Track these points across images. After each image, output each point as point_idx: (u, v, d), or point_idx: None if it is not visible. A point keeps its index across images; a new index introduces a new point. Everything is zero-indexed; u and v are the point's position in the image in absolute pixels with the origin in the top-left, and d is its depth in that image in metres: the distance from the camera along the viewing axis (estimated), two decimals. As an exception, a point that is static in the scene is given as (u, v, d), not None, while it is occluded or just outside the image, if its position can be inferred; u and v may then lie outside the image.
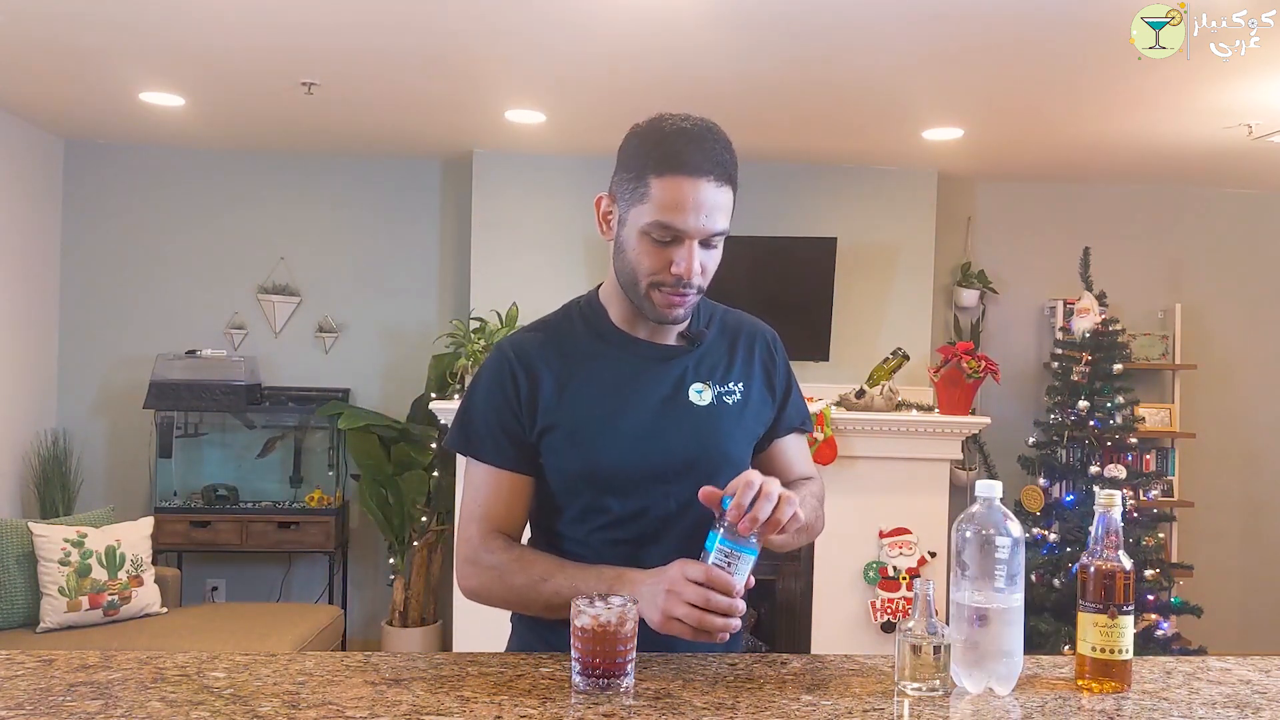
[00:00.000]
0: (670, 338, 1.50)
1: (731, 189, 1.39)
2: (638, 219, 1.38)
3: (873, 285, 4.76)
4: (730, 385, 1.51)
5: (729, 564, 1.28)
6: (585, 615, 1.21)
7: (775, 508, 1.27)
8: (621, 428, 1.44)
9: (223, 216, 4.90)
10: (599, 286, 1.56)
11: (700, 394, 1.48)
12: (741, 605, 1.29)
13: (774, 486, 1.28)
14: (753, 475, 1.29)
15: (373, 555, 4.95)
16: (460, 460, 1.34)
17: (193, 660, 1.31)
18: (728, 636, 1.29)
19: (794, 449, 1.60)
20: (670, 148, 1.36)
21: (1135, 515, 4.31)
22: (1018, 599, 1.27)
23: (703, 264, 1.40)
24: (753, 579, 1.31)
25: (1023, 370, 5.04)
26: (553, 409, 1.45)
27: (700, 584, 1.27)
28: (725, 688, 1.25)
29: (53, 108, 4.24)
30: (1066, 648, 3.98)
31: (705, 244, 1.39)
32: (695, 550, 1.33)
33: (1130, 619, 1.29)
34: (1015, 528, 1.28)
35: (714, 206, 1.36)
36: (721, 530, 1.29)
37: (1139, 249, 5.07)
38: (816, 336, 4.58)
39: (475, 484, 1.49)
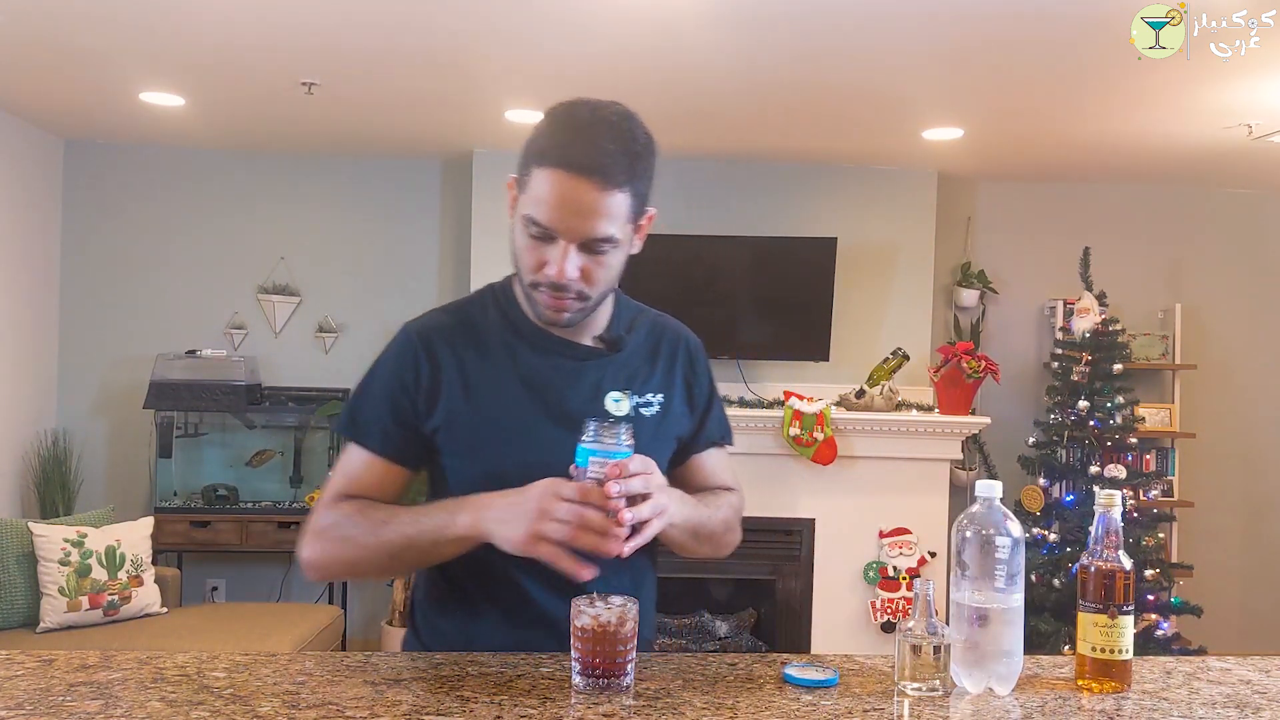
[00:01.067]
0: (587, 338, 1.41)
1: (628, 194, 1.26)
2: (521, 207, 1.29)
3: (873, 285, 4.76)
4: (649, 396, 1.42)
5: (602, 478, 1.19)
6: (585, 615, 1.21)
7: (647, 497, 1.21)
8: (532, 433, 1.34)
9: (223, 216, 4.90)
10: (490, 287, 1.47)
11: (618, 403, 1.39)
12: (619, 531, 1.18)
13: (659, 487, 1.24)
14: (657, 473, 1.25)
15: (373, 555, 4.94)
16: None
17: (193, 660, 1.31)
18: (595, 571, 1.20)
19: (713, 462, 1.52)
20: (558, 138, 1.26)
21: (1135, 515, 4.31)
22: (1018, 599, 1.27)
23: (586, 270, 1.28)
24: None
25: (1023, 370, 5.04)
26: (457, 404, 1.36)
27: (573, 501, 1.18)
28: (725, 688, 1.25)
29: (53, 108, 4.24)
30: (1066, 648, 3.98)
31: (589, 249, 1.27)
32: (603, 569, 1.24)
33: (1130, 619, 1.29)
34: (1015, 528, 1.28)
35: (594, 210, 1.24)
36: (590, 443, 1.21)
37: (1139, 249, 5.07)
38: (816, 336, 4.58)
39: (346, 467, 1.39)
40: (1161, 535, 4.61)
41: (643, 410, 1.40)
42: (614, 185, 1.24)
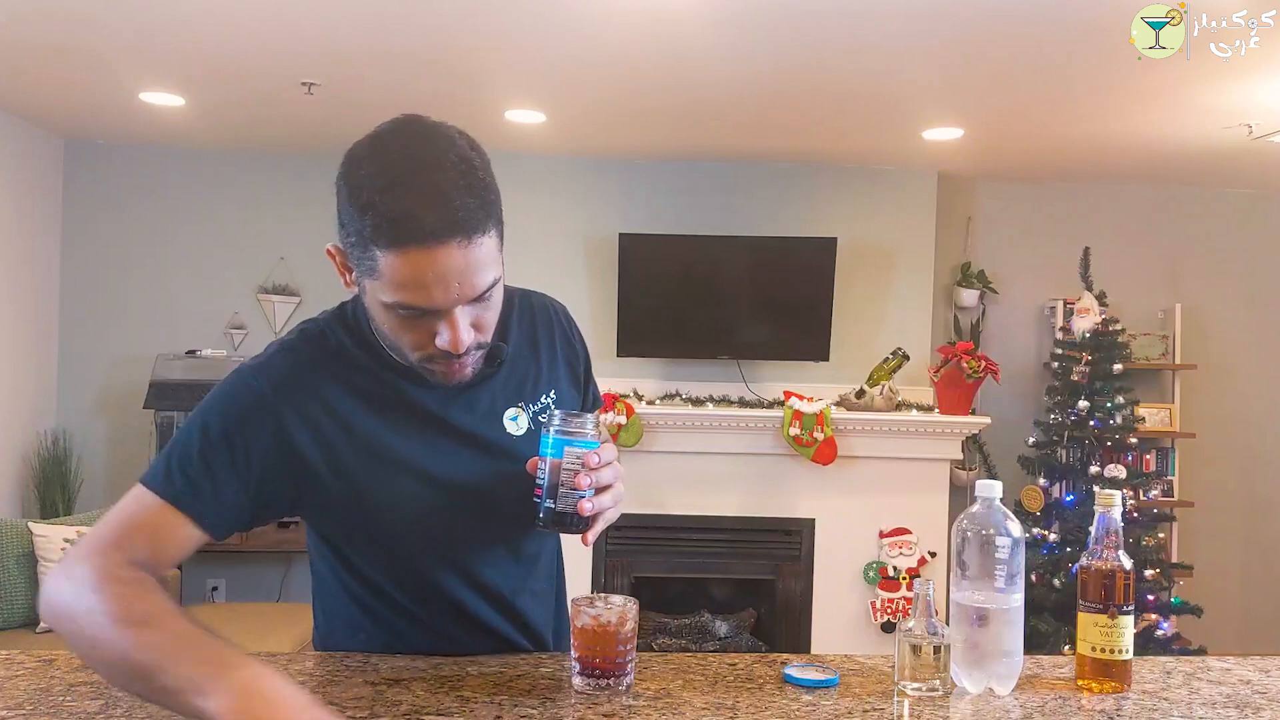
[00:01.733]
0: (464, 379, 1.22)
1: (491, 233, 1.09)
2: (375, 293, 1.11)
3: (873, 285, 4.76)
4: (542, 399, 1.31)
5: (578, 473, 1.16)
6: (585, 615, 1.21)
7: (610, 488, 1.19)
8: (448, 463, 1.23)
9: (223, 216, 4.90)
10: (348, 308, 1.30)
11: (516, 420, 1.28)
12: None
13: (620, 470, 1.21)
14: (618, 462, 1.21)
15: (373, 555, 4.94)
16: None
17: (193, 660, 1.31)
18: None
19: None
20: (392, 211, 1.04)
21: (1135, 515, 4.31)
22: (1018, 599, 1.27)
23: (478, 321, 1.14)
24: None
25: (1023, 370, 5.04)
26: (326, 453, 1.19)
27: None
28: (725, 688, 1.25)
29: (53, 108, 4.24)
30: (1066, 648, 3.98)
31: (475, 301, 1.11)
32: (539, 588, 1.32)
33: (1130, 619, 1.29)
34: (1015, 528, 1.28)
35: (467, 269, 1.07)
36: (559, 433, 1.17)
37: (1139, 249, 5.07)
38: (816, 336, 4.58)
39: (131, 512, 1.15)
40: (1161, 535, 4.62)
41: (540, 418, 1.27)
42: (478, 232, 1.07)
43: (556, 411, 1.19)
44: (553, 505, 1.17)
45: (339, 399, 1.21)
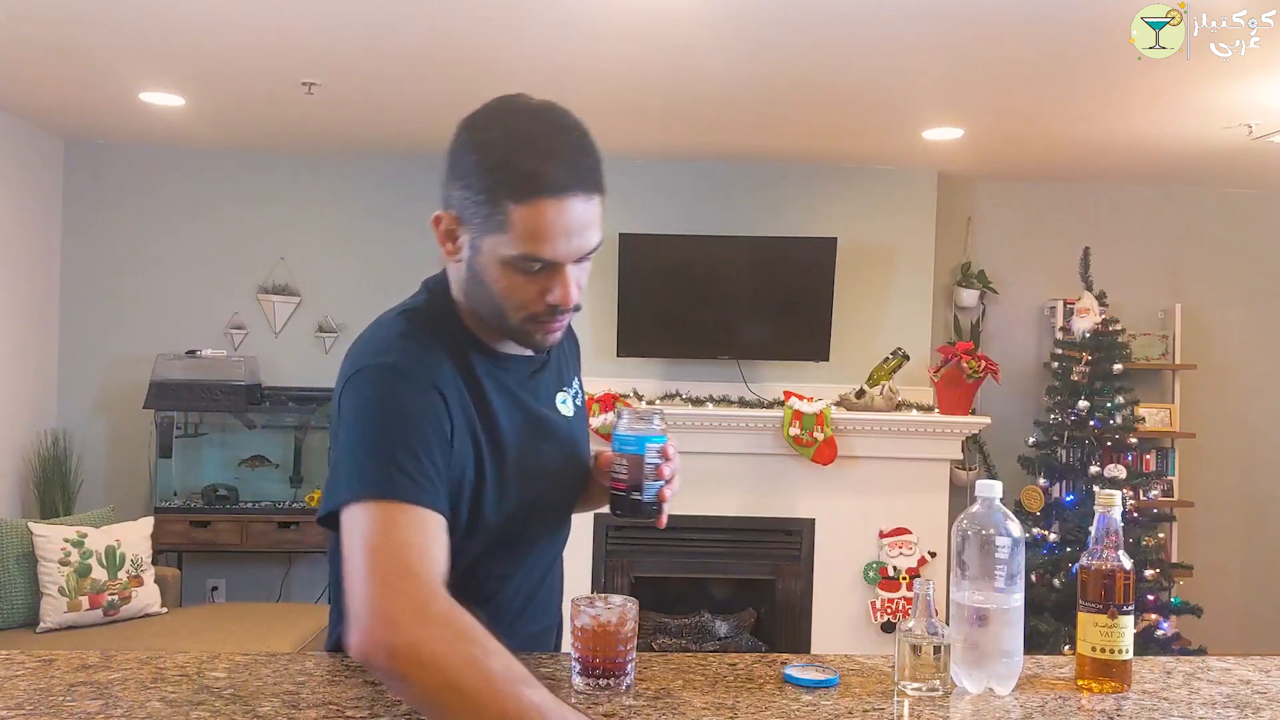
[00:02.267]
0: (552, 346, 1.32)
1: (600, 195, 1.19)
2: (497, 248, 1.16)
3: (873, 285, 4.76)
4: (575, 385, 1.42)
5: (660, 465, 1.27)
6: (585, 615, 1.21)
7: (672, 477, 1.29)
8: (539, 451, 1.30)
9: (223, 216, 4.90)
10: (435, 295, 1.32)
11: (564, 404, 1.37)
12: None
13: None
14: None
15: (373, 555, 4.94)
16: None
17: (193, 660, 1.31)
18: None
19: None
20: (526, 165, 1.13)
21: (1135, 515, 4.31)
22: (1018, 599, 1.27)
23: (579, 281, 1.22)
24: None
25: (1023, 370, 5.04)
26: (480, 441, 1.23)
27: None
28: (725, 688, 1.25)
29: (53, 108, 4.24)
30: (1066, 648, 3.98)
31: (579, 260, 1.20)
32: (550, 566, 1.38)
33: (1130, 619, 1.29)
34: (1015, 528, 1.28)
35: (585, 224, 1.16)
36: (639, 430, 1.27)
37: (1139, 249, 5.07)
38: (816, 336, 4.58)
39: (415, 532, 1.09)
40: (1161, 535, 4.61)
41: (577, 400, 1.40)
42: (594, 191, 1.18)
43: (629, 409, 1.28)
44: (639, 497, 1.27)
45: (469, 382, 1.24)
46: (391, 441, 1.14)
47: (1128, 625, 1.28)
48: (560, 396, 1.36)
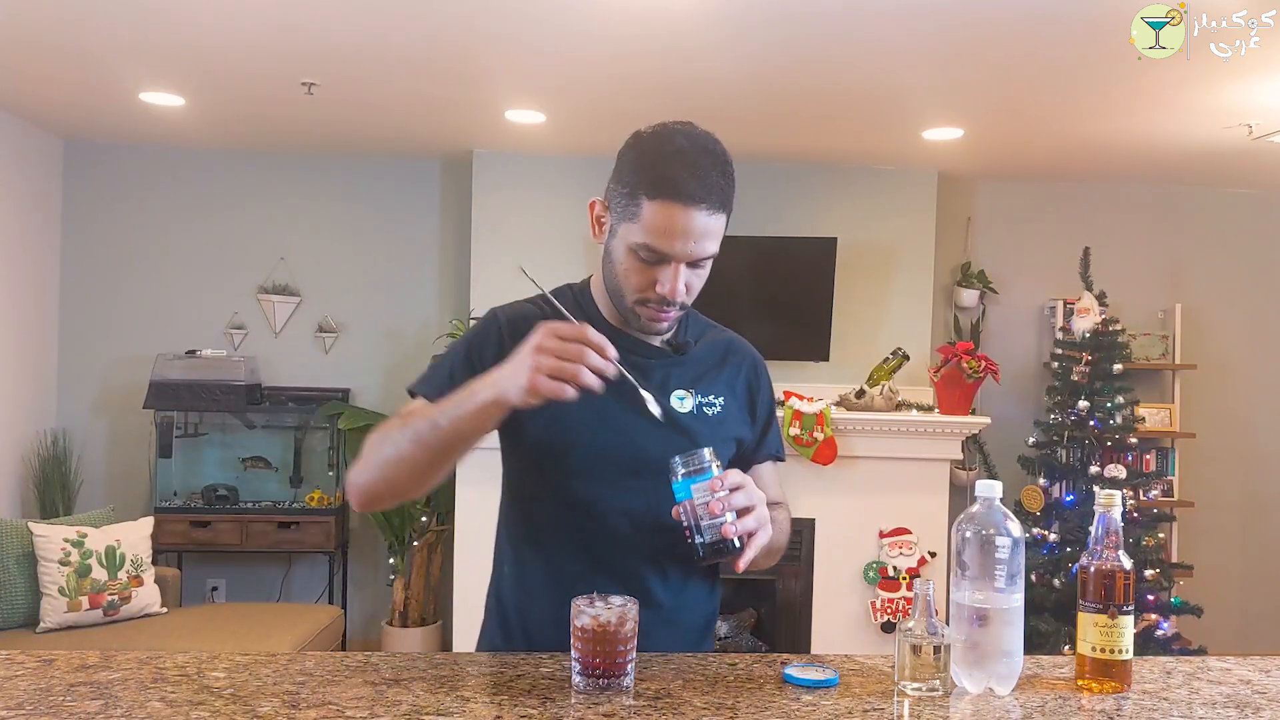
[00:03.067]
0: (656, 341, 1.51)
1: (725, 214, 1.38)
2: (627, 235, 1.38)
3: (873, 285, 4.76)
4: (711, 398, 1.51)
5: (709, 501, 1.27)
6: (585, 615, 1.21)
7: (750, 509, 1.30)
8: (602, 411, 1.40)
9: (223, 216, 4.90)
10: (590, 277, 1.57)
11: (682, 400, 1.49)
12: (612, 365, 1.26)
13: (758, 498, 1.32)
14: (750, 482, 1.33)
15: (373, 555, 4.95)
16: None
17: (193, 660, 1.31)
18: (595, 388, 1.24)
19: (769, 476, 1.63)
20: (666, 170, 1.34)
21: (1135, 515, 4.31)
22: (1018, 599, 1.27)
23: (688, 284, 1.40)
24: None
25: (1023, 370, 5.04)
26: None
27: (574, 340, 1.23)
28: (725, 688, 1.25)
29: (53, 108, 4.24)
30: (1066, 648, 3.98)
31: (692, 265, 1.39)
32: (660, 553, 1.36)
33: (1130, 619, 1.29)
34: (1015, 528, 1.28)
35: (704, 233, 1.36)
36: (683, 476, 1.29)
37: (1139, 249, 5.07)
38: (816, 336, 4.58)
39: (401, 411, 1.44)
40: (1161, 535, 4.61)
41: (705, 409, 1.50)
42: (720, 210, 1.36)
43: (675, 459, 1.30)
44: (703, 539, 1.28)
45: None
46: (444, 356, 1.52)
47: (1128, 625, 1.28)
48: (679, 393, 1.49)
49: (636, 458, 1.43)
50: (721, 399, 1.52)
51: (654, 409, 1.35)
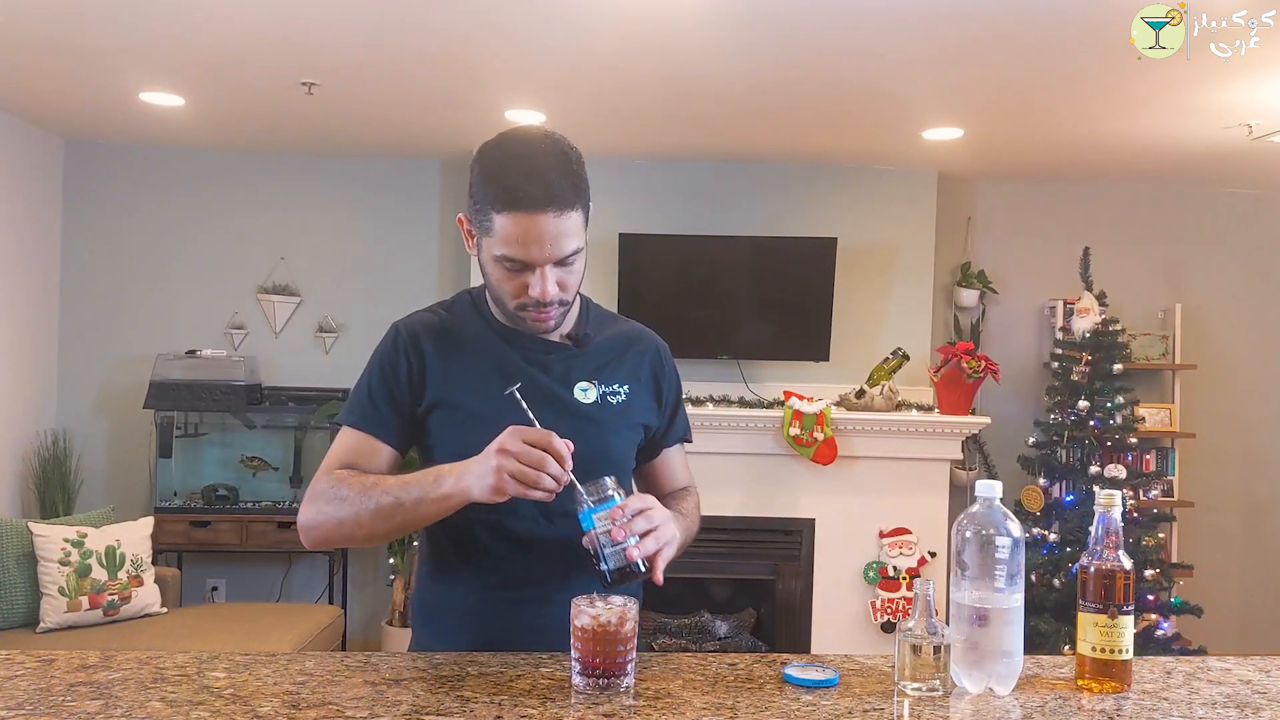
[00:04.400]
0: (555, 335, 1.54)
1: (578, 210, 1.40)
2: (489, 248, 1.41)
3: (873, 285, 4.76)
4: (615, 386, 1.55)
5: (611, 529, 1.29)
6: (585, 615, 1.21)
7: (652, 531, 1.32)
8: (506, 413, 1.40)
9: (223, 216, 4.90)
10: (473, 289, 1.61)
11: (585, 392, 1.52)
12: (566, 475, 1.30)
13: (662, 520, 1.35)
14: (653, 504, 1.36)
15: (373, 555, 4.95)
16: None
17: (193, 660, 1.31)
18: (553, 495, 1.30)
19: (677, 459, 1.70)
20: (506, 181, 1.37)
21: (1135, 515, 4.31)
22: (1018, 599, 1.27)
23: (561, 281, 1.42)
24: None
25: (1023, 370, 5.04)
26: (439, 386, 1.49)
27: (538, 447, 1.28)
28: (725, 688, 1.25)
29: (53, 108, 4.24)
30: (1066, 648, 3.99)
31: (561, 264, 1.41)
32: (579, 544, 1.36)
33: (1130, 619, 1.29)
34: (1015, 528, 1.28)
35: (558, 234, 1.38)
36: (585, 505, 1.32)
37: (1139, 249, 5.07)
38: (816, 336, 4.58)
39: (343, 443, 1.50)
40: (1161, 535, 4.61)
41: (609, 398, 1.54)
42: (569, 208, 1.38)
43: (578, 487, 1.32)
44: (608, 566, 1.30)
45: (446, 346, 1.52)
46: (359, 383, 1.54)
47: (1128, 625, 1.28)
48: (583, 384, 1.52)
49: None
50: (626, 387, 1.55)
51: (582, 500, 1.33)
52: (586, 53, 3.28)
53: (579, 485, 1.32)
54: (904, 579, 4.41)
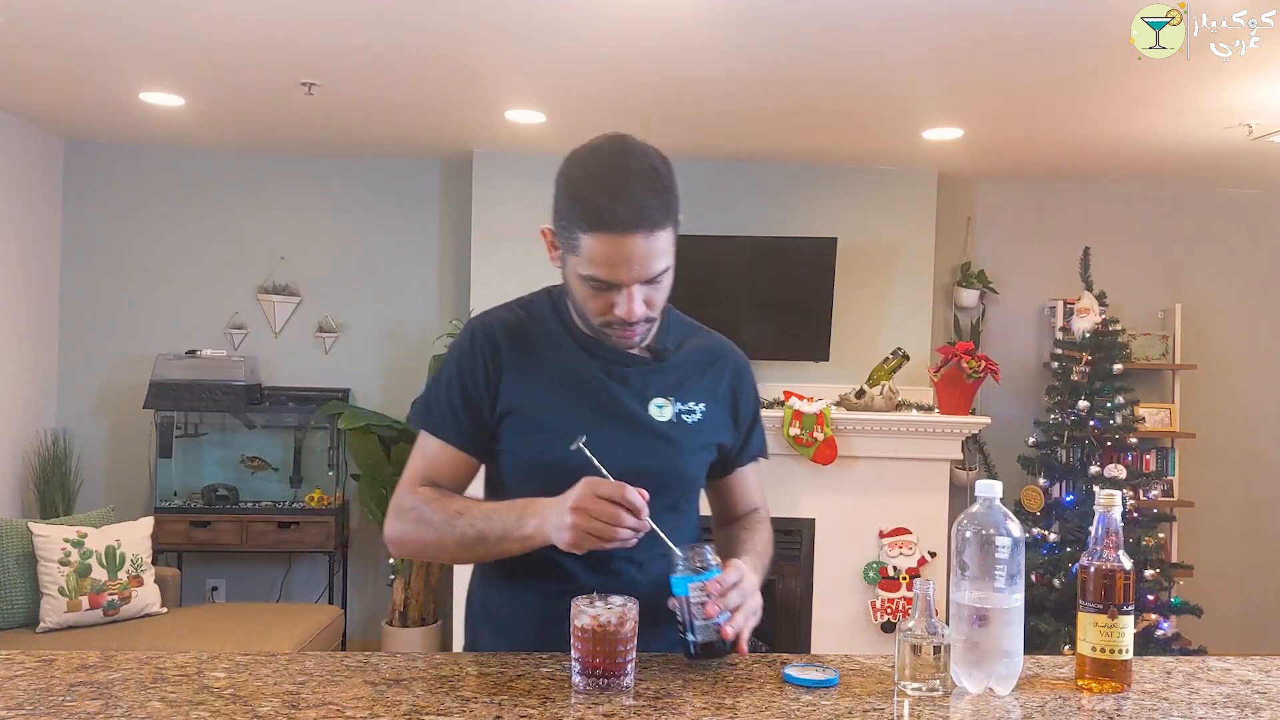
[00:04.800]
0: (635, 348, 1.50)
1: (668, 229, 1.36)
2: (574, 266, 1.38)
3: (873, 285, 4.76)
4: (691, 404, 1.51)
5: (705, 602, 1.29)
6: (585, 615, 1.21)
7: (743, 605, 1.32)
8: (579, 425, 1.41)
9: (223, 216, 4.90)
10: (551, 289, 1.56)
11: (660, 409, 1.49)
12: (644, 524, 1.29)
13: (751, 589, 1.35)
14: (746, 575, 1.35)
15: (373, 555, 4.95)
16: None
17: (193, 660, 1.31)
18: (634, 540, 1.30)
19: (752, 477, 1.68)
20: (594, 203, 1.32)
21: (1135, 515, 4.31)
22: (1018, 599, 1.27)
23: (648, 299, 1.39)
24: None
25: (1023, 370, 5.04)
26: (514, 392, 1.46)
27: (612, 501, 1.28)
28: (725, 688, 1.25)
29: (53, 108, 4.24)
30: (1066, 648, 3.98)
31: (649, 283, 1.38)
32: (640, 558, 1.37)
33: (1130, 619, 1.29)
34: (1015, 528, 1.28)
35: (647, 255, 1.34)
36: (683, 572, 1.31)
37: (1139, 249, 5.07)
38: (816, 336, 4.58)
39: (425, 453, 1.50)
40: (1161, 535, 4.61)
41: (684, 416, 1.50)
42: (659, 228, 1.34)
43: (676, 551, 1.31)
44: (695, 639, 1.30)
45: (522, 351, 1.48)
46: (436, 383, 1.51)
47: (1128, 625, 1.28)
48: (658, 400, 1.49)
49: (620, 469, 1.38)
50: (702, 405, 1.52)
51: (678, 564, 1.32)
52: (586, 53, 3.28)
53: (661, 534, 1.31)
54: (904, 579, 4.41)
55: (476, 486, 1.56)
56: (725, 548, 1.55)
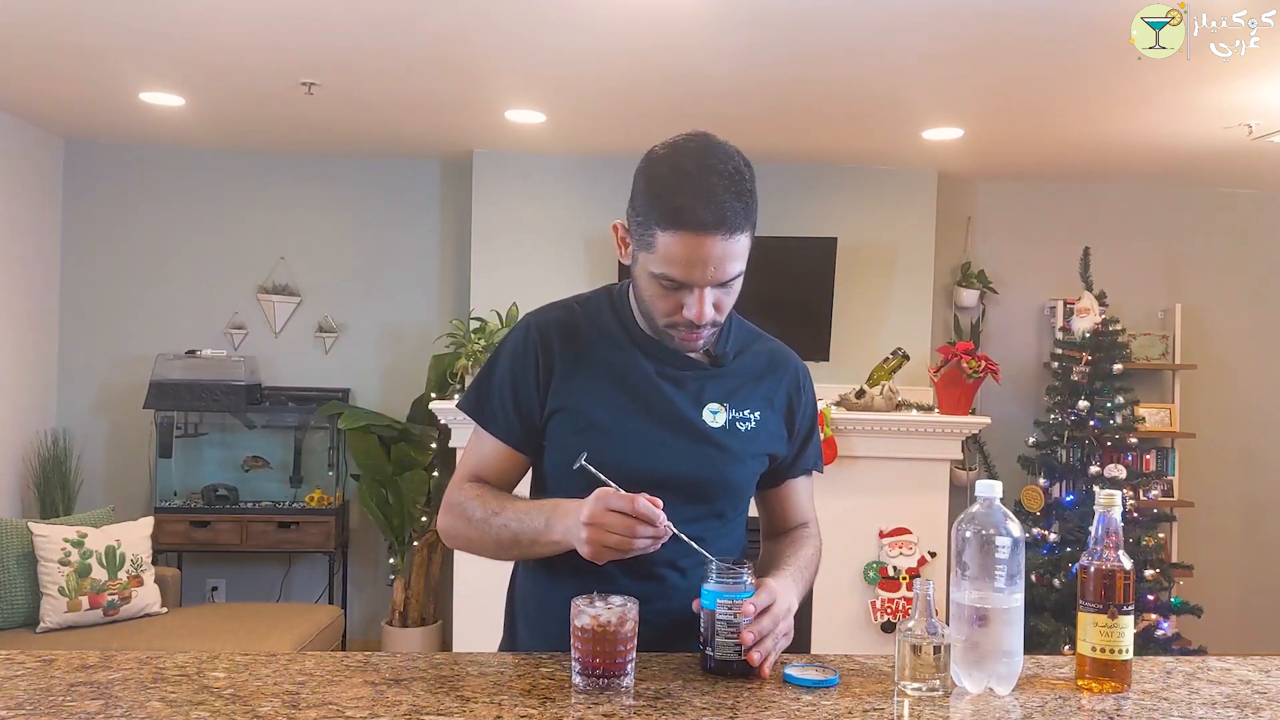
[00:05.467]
0: (693, 352, 1.48)
1: (746, 233, 1.35)
2: (647, 263, 1.36)
3: (873, 285, 4.76)
4: (746, 412, 1.49)
5: (731, 621, 1.27)
6: (585, 615, 1.21)
7: (772, 632, 1.29)
8: (630, 427, 1.41)
9: (223, 216, 4.90)
10: (611, 288, 1.55)
11: (715, 415, 1.47)
12: (663, 530, 1.28)
13: (784, 614, 1.31)
14: (779, 599, 1.31)
15: (373, 555, 4.95)
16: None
17: (193, 660, 1.31)
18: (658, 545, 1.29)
19: (803, 490, 1.66)
20: (676, 202, 1.30)
21: (1135, 515, 4.31)
22: (1018, 599, 1.27)
23: (718, 303, 1.38)
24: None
25: (1023, 370, 5.04)
26: (563, 392, 1.44)
27: (624, 514, 1.26)
28: (725, 688, 1.25)
29: (53, 108, 4.24)
30: (1066, 648, 3.98)
31: (721, 286, 1.37)
32: (684, 564, 1.35)
33: (1130, 619, 1.29)
34: (1015, 528, 1.28)
35: (723, 258, 1.33)
36: (714, 585, 1.28)
37: (1139, 249, 5.07)
38: (816, 336, 4.58)
39: (477, 447, 1.51)
40: (1161, 535, 4.61)
41: (738, 424, 1.47)
42: (738, 231, 1.33)
43: (713, 562, 1.28)
44: (714, 654, 1.28)
45: (575, 349, 1.46)
46: (489, 374, 1.51)
47: (1128, 625, 1.28)
48: (713, 406, 1.47)
49: (668, 475, 1.41)
50: (758, 413, 1.50)
51: (711, 574, 1.29)
52: (586, 53, 3.28)
53: (688, 540, 1.30)
54: (904, 579, 4.41)
55: (524, 485, 1.56)
56: (768, 561, 1.53)
